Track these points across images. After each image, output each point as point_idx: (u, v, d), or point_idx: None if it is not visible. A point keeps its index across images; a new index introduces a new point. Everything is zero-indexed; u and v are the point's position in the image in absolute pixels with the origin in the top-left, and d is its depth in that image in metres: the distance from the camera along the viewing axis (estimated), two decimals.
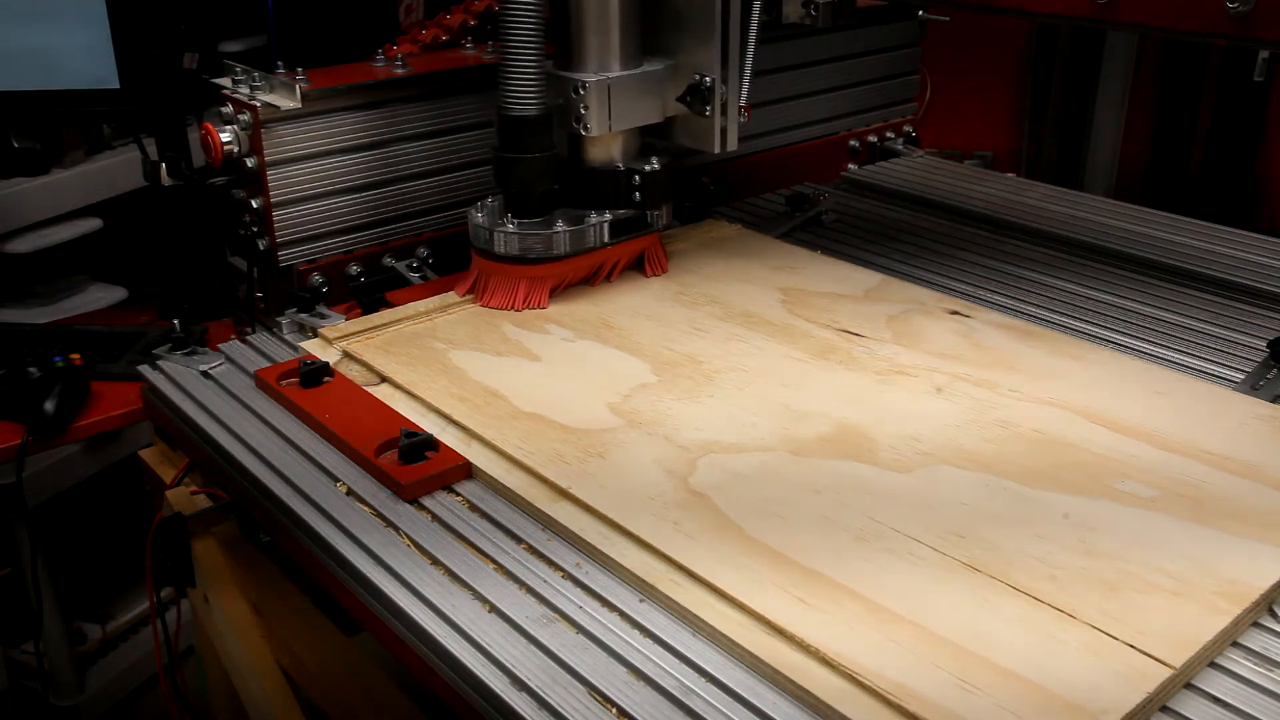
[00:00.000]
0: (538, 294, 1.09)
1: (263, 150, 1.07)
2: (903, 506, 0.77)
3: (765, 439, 0.86)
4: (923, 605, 0.67)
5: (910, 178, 1.54)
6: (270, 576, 1.11)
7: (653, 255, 1.17)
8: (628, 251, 1.15)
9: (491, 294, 1.10)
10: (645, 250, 1.17)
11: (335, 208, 1.15)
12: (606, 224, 1.11)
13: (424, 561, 0.75)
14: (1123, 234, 1.30)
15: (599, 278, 1.14)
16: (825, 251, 1.26)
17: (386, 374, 0.97)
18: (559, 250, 1.09)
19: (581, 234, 1.10)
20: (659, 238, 1.18)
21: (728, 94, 1.10)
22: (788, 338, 1.03)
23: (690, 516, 0.76)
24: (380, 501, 0.81)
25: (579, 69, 1.09)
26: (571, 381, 0.95)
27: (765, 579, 0.70)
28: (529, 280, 1.09)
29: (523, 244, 1.08)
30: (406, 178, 1.19)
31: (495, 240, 1.08)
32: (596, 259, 1.13)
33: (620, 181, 1.12)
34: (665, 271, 1.17)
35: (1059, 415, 0.88)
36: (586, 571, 0.73)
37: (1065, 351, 1.00)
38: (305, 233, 1.13)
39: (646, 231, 1.16)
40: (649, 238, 1.16)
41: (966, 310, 1.08)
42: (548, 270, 1.09)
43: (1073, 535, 0.73)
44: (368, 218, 1.17)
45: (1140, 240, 1.28)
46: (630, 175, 1.12)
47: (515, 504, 0.81)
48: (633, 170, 1.12)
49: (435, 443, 0.86)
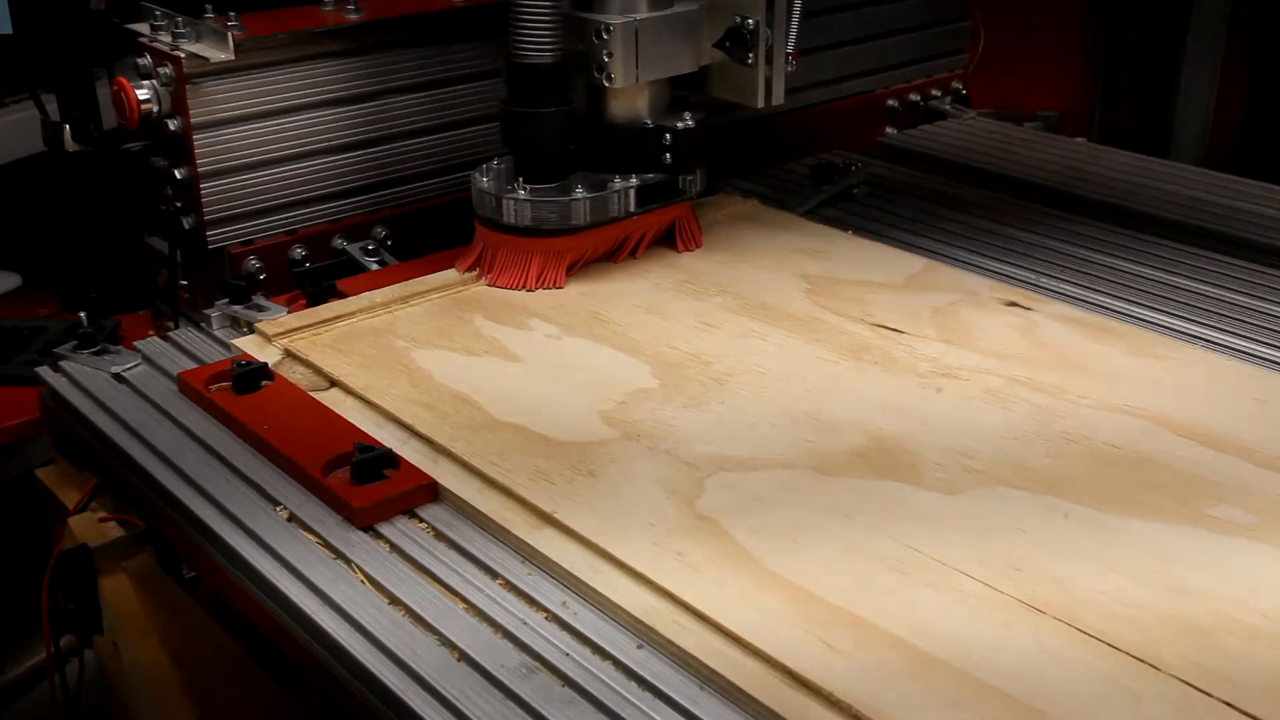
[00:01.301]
0: (553, 271, 1.10)
1: (188, 110, 1.08)
2: (950, 534, 0.77)
3: (786, 454, 0.86)
4: (974, 652, 0.68)
5: (960, 143, 1.54)
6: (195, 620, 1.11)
7: (685, 227, 1.18)
8: (656, 222, 1.16)
9: (499, 271, 1.11)
10: (676, 221, 1.18)
11: (275, 179, 1.15)
12: (632, 190, 1.13)
13: (380, 601, 0.75)
14: (1215, 210, 1.31)
15: (623, 252, 1.15)
16: (857, 231, 1.26)
17: (337, 377, 0.97)
18: (578, 220, 1.10)
19: (604, 201, 1.11)
20: (692, 207, 1.19)
21: (773, 39, 1.11)
22: (813, 334, 1.03)
23: (697, 546, 0.77)
24: (329, 529, 0.82)
25: (601, 9, 1.10)
26: (557, 386, 0.96)
27: (786, 620, 0.70)
28: (544, 255, 1.09)
29: (536, 213, 1.08)
30: (360, 144, 1.19)
31: (504, 208, 1.09)
32: (620, 231, 1.14)
33: (648, 141, 1.13)
34: (699, 247, 1.18)
35: (1138, 426, 0.89)
36: (574, 612, 0.74)
37: (1146, 350, 1.00)
38: (239, 209, 1.13)
39: (678, 199, 1.16)
40: (681, 206, 1.17)
41: (1027, 301, 1.08)
42: (566, 243, 1.10)
43: (1155, 569, 0.74)
44: (314, 191, 1.18)
45: (1236, 218, 1.29)
46: (660, 134, 1.13)
47: (490, 531, 0.81)
48: (662, 128, 1.13)
49: (395, 458, 0.86)
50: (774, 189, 1.40)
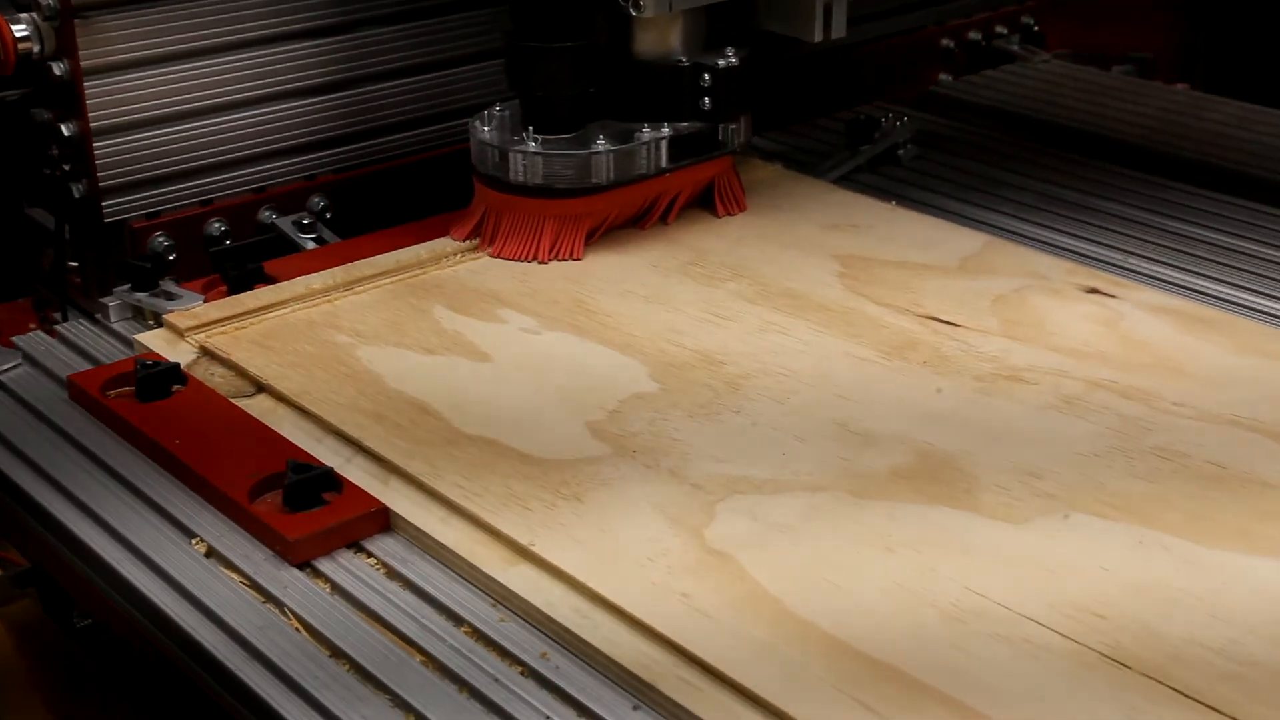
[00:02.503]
0: (570, 239, 1.12)
1: (77, 51, 1.09)
2: (1016, 572, 0.78)
3: (815, 474, 0.87)
4: (1045, 716, 0.68)
5: (1030, 93, 1.55)
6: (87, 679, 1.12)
7: (726, 187, 1.20)
8: (692, 181, 1.17)
9: (505, 239, 1.12)
10: (715, 180, 1.19)
11: (187, 136, 1.16)
12: (664, 141, 1.14)
13: (320, 653, 0.76)
14: None
15: (652, 217, 1.17)
16: (902, 202, 1.27)
17: (265, 380, 0.98)
18: (600, 178, 1.11)
19: (630, 155, 1.12)
20: (734, 163, 1.20)
21: None
22: (848, 328, 1.04)
23: (706, 586, 0.77)
24: (256, 566, 0.82)
25: None
26: (535, 391, 0.97)
27: (815, 676, 0.71)
28: (559, 220, 1.11)
29: (549, 169, 1.10)
30: (294, 93, 1.20)
31: (511, 164, 1.10)
32: (650, 190, 1.15)
33: (683, 82, 1.14)
34: (743, 210, 1.19)
35: (1246, 440, 0.90)
36: (556, 666, 0.74)
37: (1257, 347, 1.01)
38: (142, 173, 1.14)
39: (719, 153, 1.18)
40: (721, 162, 1.19)
41: (1110, 287, 1.09)
42: (585, 206, 1.11)
43: (1269, 617, 0.74)
44: (237, 152, 1.19)
45: None
46: (697, 73, 1.14)
47: (454, 568, 0.82)
48: (700, 66, 1.14)
49: (337, 480, 0.87)
50: (801, 150, 1.41)
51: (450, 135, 1.28)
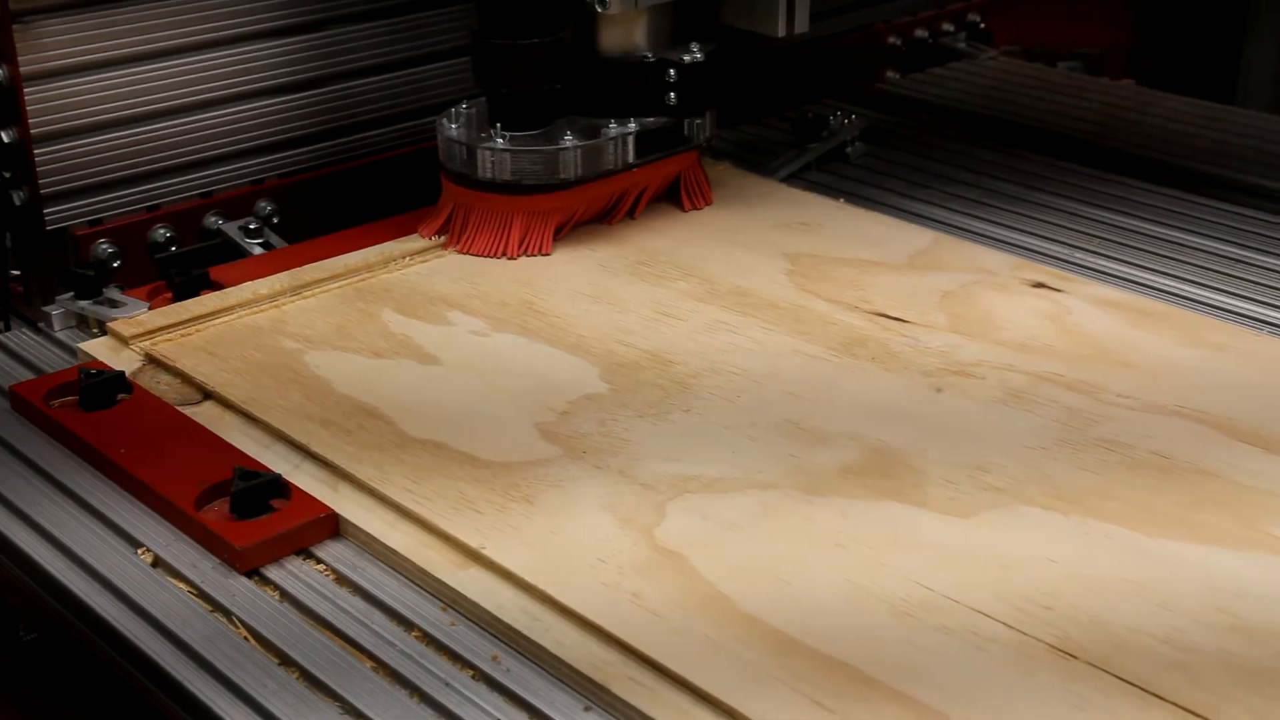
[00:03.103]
0: (539, 234, 1.13)
1: (16, 56, 1.08)
2: (964, 565, 0.79)
3: (765, 472, 0.87)
4: (995, 708, 0.69)
5: (977, 90, 1.56)
6: (32, 698, 1.11)
7: (692, 181, 1.22)
8: (659, 175, 1.19)
9: (474, 236, 1.13)
10: (682, 174, 1.21)
11: (131, 141, 1.15)
12: (631, 137, 1.15)
13: (269, 661, 0.76)
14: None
15: (619, 212, 1.18)
16: (850, 199, 1.28)
17: (211, 387, 0.98)
18: (568, 173, 1.12)
19: (598, 151, 1.14)
20: (699, 157, 1.21)
21: None
22: (797, 325, 1.05)
23: (657, 585, 0.78)
24: (203, 575, 0.82)
25: None
26: (484, 394, 0.97)
27: (766, 673, 0.71)
28: (527, 216, 1.12)
29: (517, 164, 1.11)
30: (239, 97, 1.20)
31: (479, 160, 1.11)
32: (617, 185, 1.17)
33: (649, 78, 1.16)
34: (709, 204, 1.21)
35: (1191, 431, 0.91)
36: (508, 669, 0.74)
37: (1201, 338, 1.02)
38: (85, 179, 1.13)
39: (684, 148, 1.19)
40: (687, 156, 1.21)
41: (1056, 281, 1.10)
42: (553, 201, 1.13)
43: (1212, 604, 0.75)
44: (182, 156, 1.18)
45: None
46: (662, 69, 1.16)
47: (403, 573, 0.82)
48: (666, 62, 1.16)
49: (285, 486, 0.86)
50: (750, 148, 1.41)
51: (408, 135, 1.28)
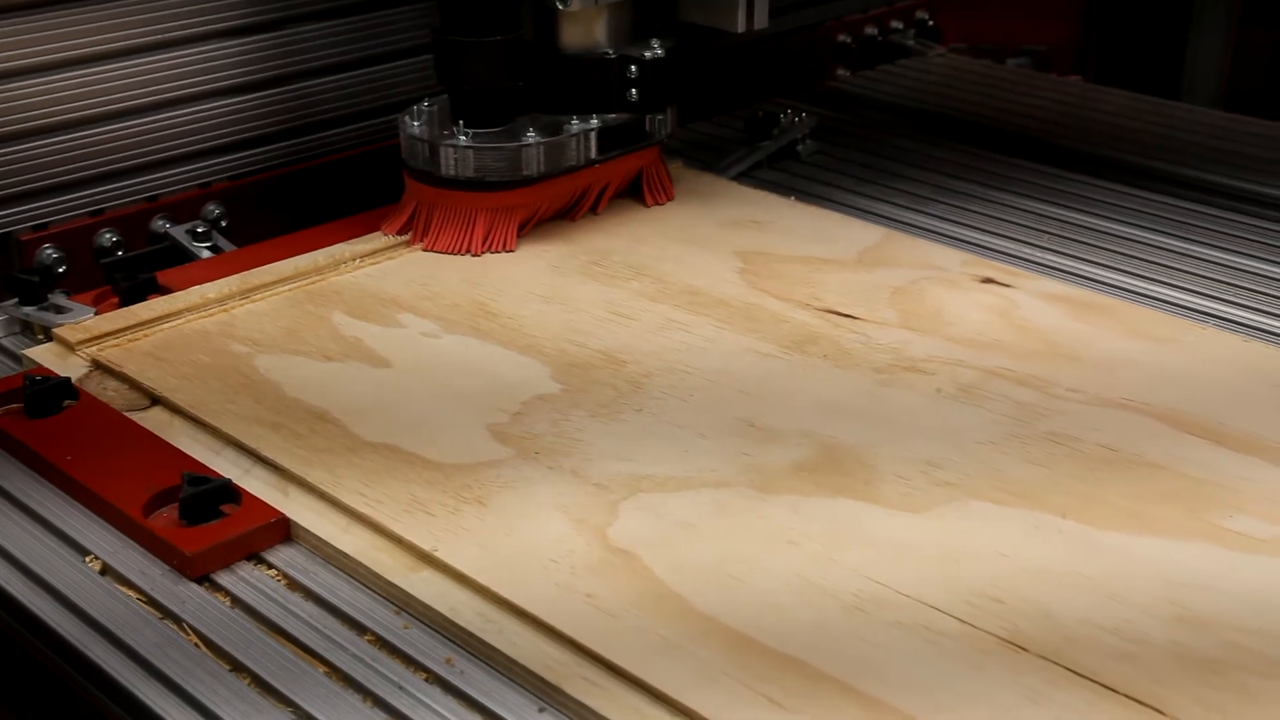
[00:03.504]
0: (503, 231, 1.14)
1: None
2: (915, 561, 0.79)
3: (718, 470, 0.88)
4: (946, 702, 0.69)
5: (926, 87, 1.57)
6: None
7: (654, 177, 1.23)
8: (621, 171, 1.20)
9: (438, 233, 1.14)
10: (644, 170, 1.22)
11: (75, 144, 1.14)
12: (593, 133, 1.16)
13: (220, 667, 0.75)
14: (1233, 161, 1.35)
15: (582, 208, 1.19)
16: (801, 197, 1.28)
17: (159, 392, 0.97)
18: (530, 170, 1.13)
19: (560, 147, 1.15)
20: (661, 153, 1.22)
21: None
22: (749, 324, 1.05)
23: (610, 585, 0.78)
24: (153, 582, 0.81)
25: None
26: (436, 396, 0.96)
27: (720, 672, 0.71)
28: (491, 213, 1.13)
29: (480, 161, 1.12)
30: (184, 99, 1.19)
31: (442, 158, 1.12)
32: (580, 182, 1.18)
33: (610, 74, 1.17)
34: (672, 199, 1.22)
35: (1138, 423, 0.92)
36: (461, 671, 0.74)
37: (1147, 332, 1.03)
38: (29, 183, 1.13)
39: (646, 144, 1.21)
40: (648, 152, 1.22)
41: (1005, 277, 1.11)
42: (517, 198, 1.14)
43: (1160, 595, 0.76)
44: (128, 159, 1.17)
45: (1259, 169, 1.33)
46: (624, 65, 1.17)
47: (356, 576, 0.81)
48: (627, 58, 1.17)
49: (235, 491, 0.86)
50: (700, 146, 1.41)
51: (361, 136, 1.29)
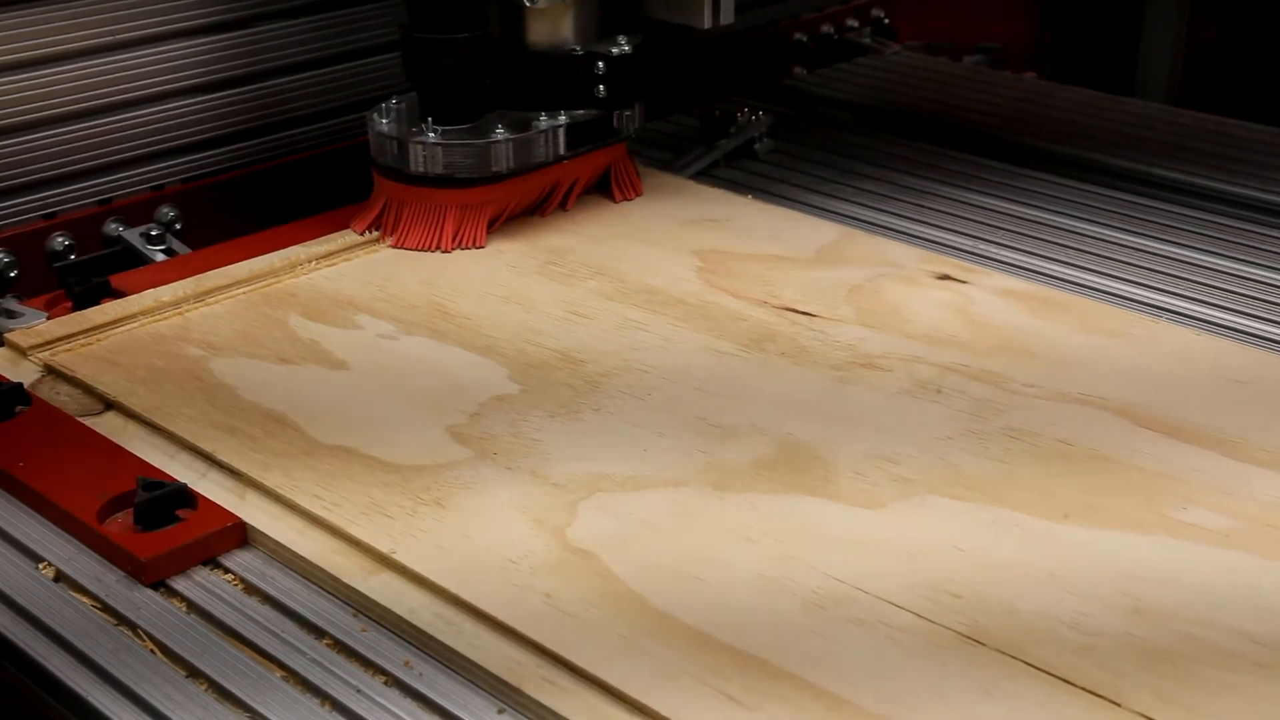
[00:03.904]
0: (473, 227, 1.14)
1: None
2: (874, 558, 0.79)
3: (676, 469, 0.88)
4: (904, 697, 0.69)
5: (882, 85, 1.58)
6: None
7: (622, 173, 1.24)
8: (589, 167, 1.21)
9: (407, 230, 1.14)
10: (612, 166, 1.23)
11: (25, 147, 1.14)
12: (561, 129, 1.17)
13: (176, 673, 0.75)
14: (1186, 157, 1.36)
15: (551, 204, 1.20)
16: (758, 195, 1.28)
17: (113, 397, 0.96)
18: (500, 166, 1.14)
19: (529, 144, 1.15)
20: (628, 148, 1.24)
21: None
22: (707, 322, 1.05)
23: (569, 585, 0.78)
24: (107, 588, 0.81)
25: None
26: (394, 397, 0.96)
27: (680, 670, 0.71)
28: (460, 209, 1.14)
29: (449, 158, 1.13)
30: (146, 99, 1.18)
31: (411, 154, 1.13)
32: (549, 178, 1.19)
33: (578, 71, 1.18)
34: (640, 194, 1.24)
35: (1093, 418, 0.92)
36: (420, 673, 0.74)
37: (1102, 326, 1.04)
38: None
39: (614, 140, 1.21)
40: (617, 148, 1.23)
41: (961, 273, 1.11)
42: (486, 194, 1.14)
43: (1116, 588, 0.77)
44: (80, 162, 1.16)
45: (1210, 164, 1.34)
46: (591, 62, 1.17)
47: (313, 580, 0.81)
48: (594, 55, 1.17)
49: (191, 495, 0.85)
50: (658, 146, 1.41)
51: (312, 138, 1.28)
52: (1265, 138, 1.41)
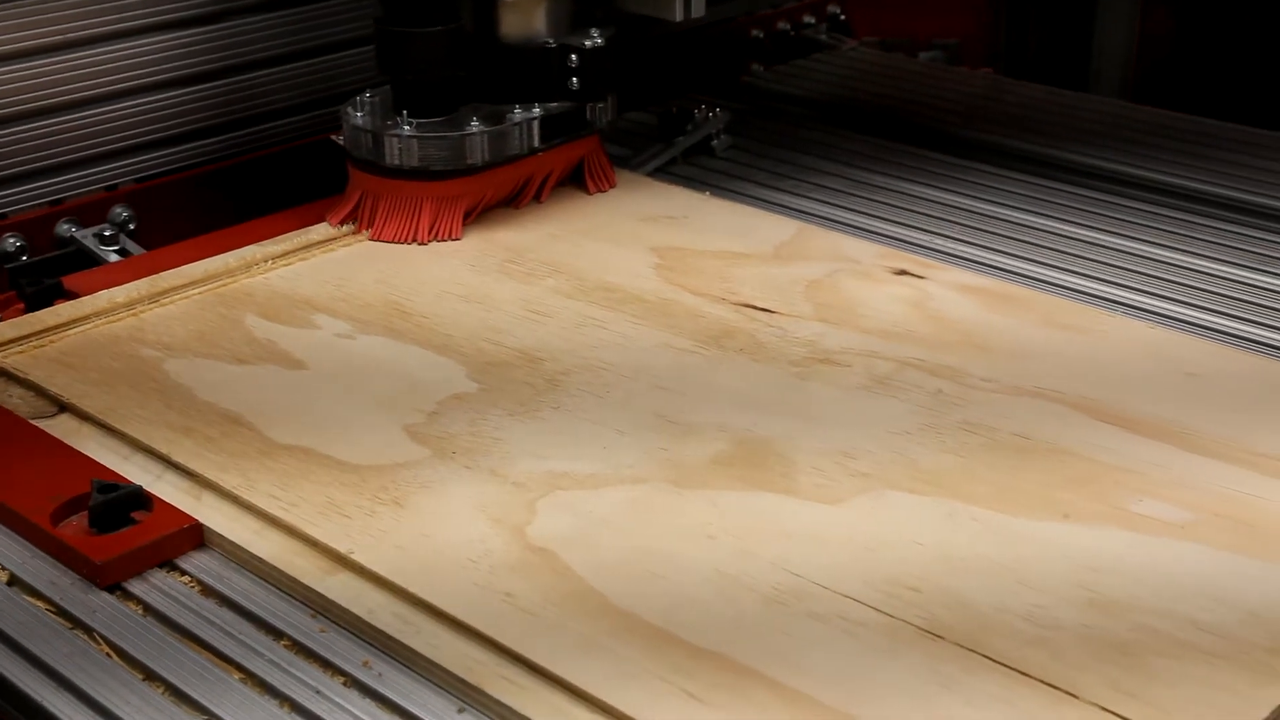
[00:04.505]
0: (449, 220, 1.15)
1: None
2: (833, 552, 0.80)
3: (636, 466, 0.88)
4: (863, 691, 0.70)
5: (839, 81, 1.58)
6: None
7: (595, 164, 1.25)
8: (563, 159, 1.22)
9: (383, 222, 1.15)
10: (585, 158, 1.24)
11: None
12: (535, 121, 1.18)
13: (133, 676, 0.74)
14: (1138, 151, 1.37)
15: (525, 196, 1.21)
16: (716, 192, 1.29)
17: (67, 399, 0.96)
18: (475, 159, 1.15)
19: (503, 136, 1.16)
20: (600, 140, 1.25)
21: None
22: (666, 319, 1.05)
23: (529, 584, 0.78)
24: (62, 592, 0.80)
25: None
26: (351, 397, 0.96)
27: (640, 667, 0.72)
28: (436, 202, 1.15)
29: (425, 151, 1.14)
30: (100, 98, 1.18)
31: (386, 147, 1.13)
32: (523, 170, 1.20)
33: (551, 63, 1.19)
34: (613, 186, 1.25)
35: (1050, 411, 0.93)
36: (380, 674, 0.74)
37: (1058, 320, 1.04)
38: None
39: (587, 132, 1.23)
40: (590, 140, 1.24)
41: (918, 268, 1.12)
42: (462, 186, 1.15)
43: (1072, 580, 0.77)
44: (31, 162, 1.15)
45: (1167, 160, 1.35)
46: (564, 54, 1.18)
47: (271, 581, 0.81)
48: (567, 48, 1.18)
49: (146, 497, 0.85)
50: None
51: (268, 136, 1.29)
52: (1218, 131, 1.42)
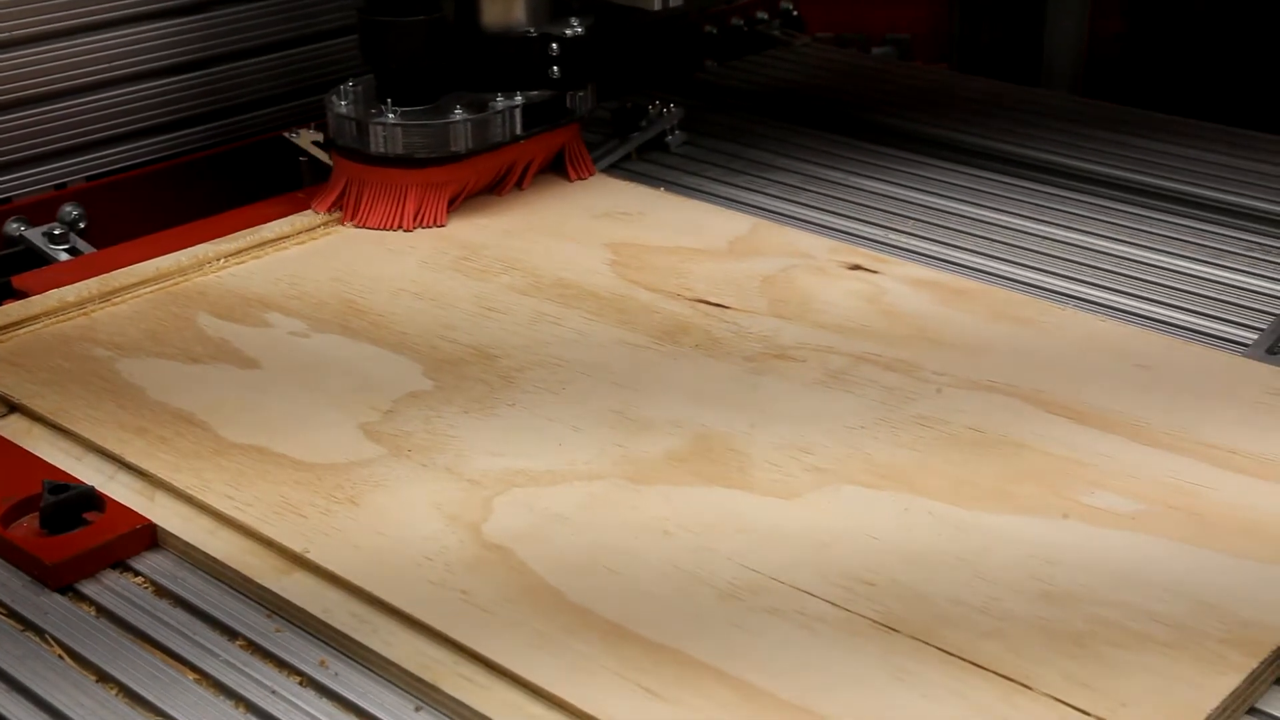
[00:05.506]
0: (433, 207, 1.17)
1: None
2: (788, 547, 0.80)
3: (591, 462, 0.88)
4: (819, 685, 0.70)
5: (792, 77, 1.59)
6: None
7: (575, 153, 1.27)
8: (544, 148, 1.24)
9: (368, 209, 1.17)
10: (566, 146, 1.26)
11: None
12: (517, 110, 1.20)
13: (86, 678, 0.74)
14: (1089, 145, 1.38)
15: (508, 183, 1.23)
16: (670, 188, 1.29)
17: (17, 399, 0.95)
18: (459, 146, 1.17)
19: (486, 124, 1.18)
20: (580, 129, 1.27)
21: None
22: (621, 315, 1.05)
23: (485, 581, 0.78)
24: (13, 593, 0.80)
25: None
26: (305, 395, 0.96)
27: (596, 664, 0.72)
28: (421, 189, 1.16)
29: (409, 138, 1.15)
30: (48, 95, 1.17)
31: (371, 135, 1.15)
32: (505, 158, 1.21)
33: (532, 52, 1.20)
34: (593, 174, 1.27)
35: (1003, 404, 0.94)
36: (335, 673, 0.74)
37: (1011, 314, 1.05)
38: None
39: (568, 120, 1.24)
40: (571, 128, 1.26)
41: (872, 263, 1.13)
42: (446, 174, 1.17)
43: (1025, 572, 0.78)
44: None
45: (1117, 154, 1.37)
46: (545, 43, 1.20)
47: (225, 581, 0.80)
48: (548, 36, 1.20)
49: (98, 498, 0.85)
50: None
51: (229, 133, 1.29)
52: (1167, 125, 1.43)
